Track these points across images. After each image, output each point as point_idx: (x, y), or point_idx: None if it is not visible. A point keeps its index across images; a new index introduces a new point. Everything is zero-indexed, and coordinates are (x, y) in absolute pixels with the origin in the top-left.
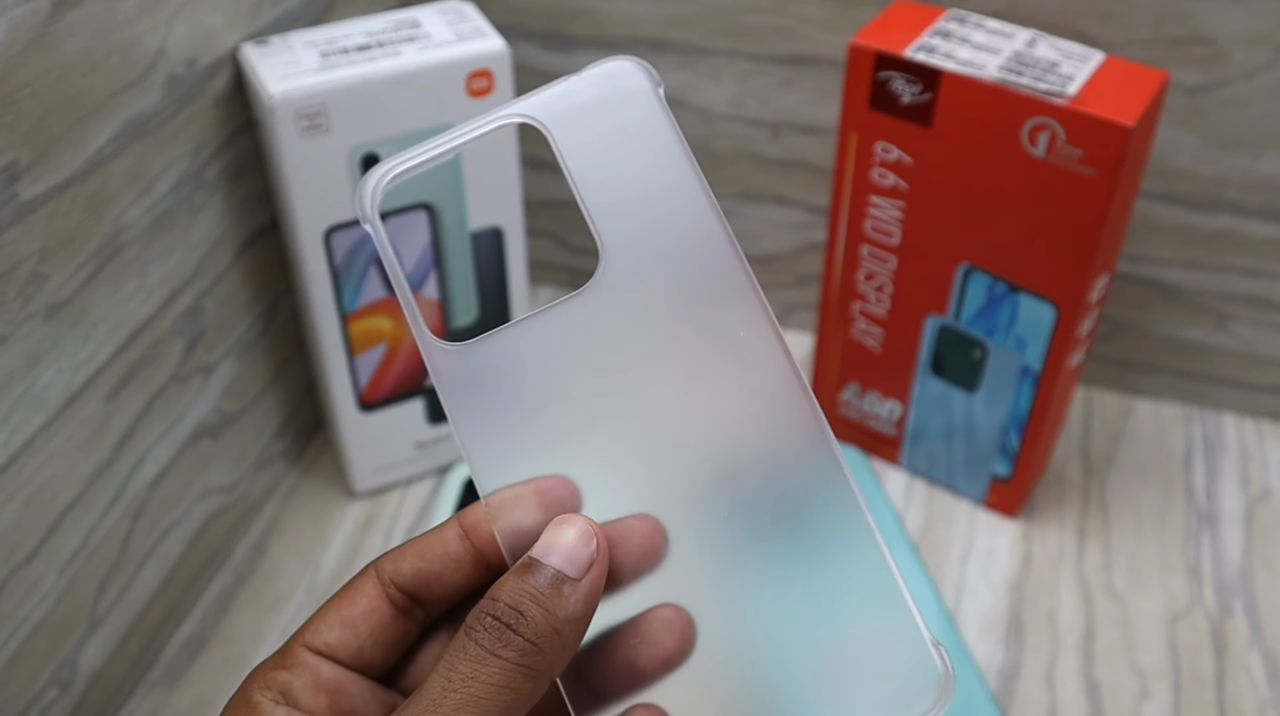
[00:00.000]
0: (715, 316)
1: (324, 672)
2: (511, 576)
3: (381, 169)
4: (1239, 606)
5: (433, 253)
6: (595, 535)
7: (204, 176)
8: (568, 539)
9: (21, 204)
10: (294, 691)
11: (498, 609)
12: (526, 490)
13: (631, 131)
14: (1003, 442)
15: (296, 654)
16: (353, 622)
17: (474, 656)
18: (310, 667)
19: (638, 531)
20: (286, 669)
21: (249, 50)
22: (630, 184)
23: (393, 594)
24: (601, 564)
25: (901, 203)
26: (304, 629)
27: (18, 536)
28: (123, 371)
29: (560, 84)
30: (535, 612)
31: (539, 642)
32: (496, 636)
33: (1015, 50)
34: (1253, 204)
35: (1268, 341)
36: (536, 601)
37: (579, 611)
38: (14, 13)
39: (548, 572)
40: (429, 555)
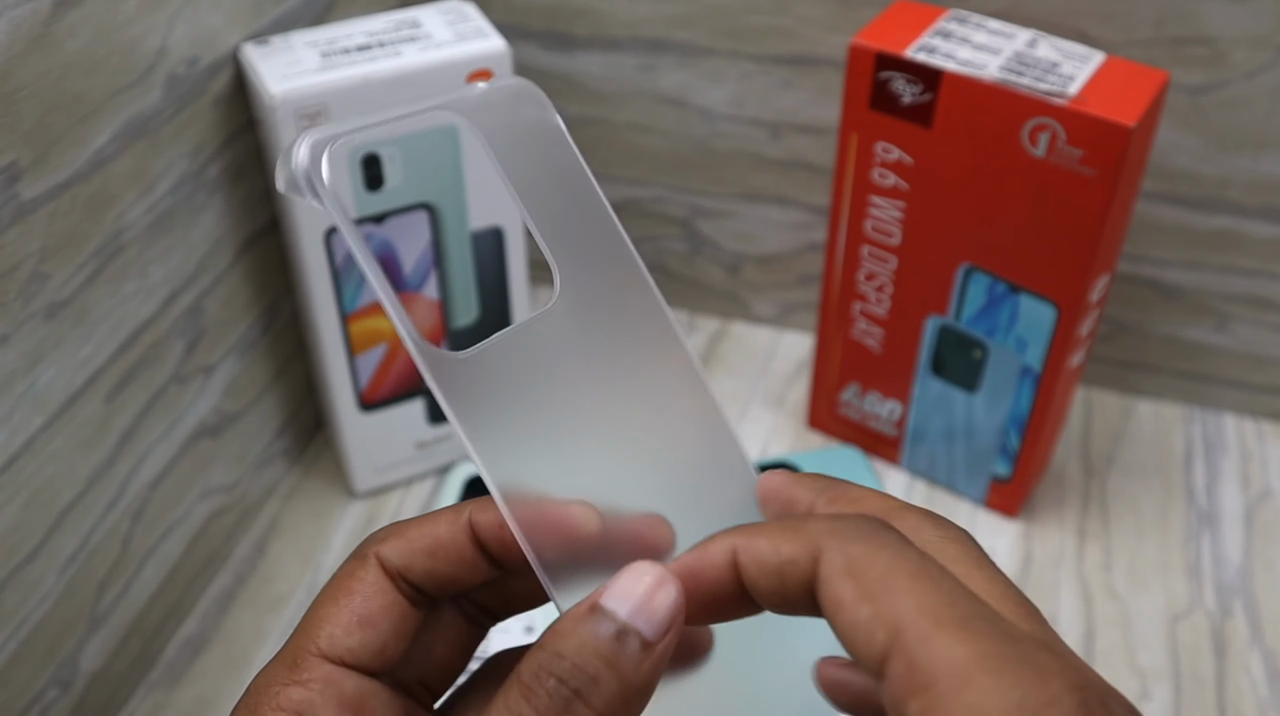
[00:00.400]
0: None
1: (346, 687)
2: (580, 626)
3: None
4: (1239, 606)
5: (433, 253)
6: (678, 591)
7: (205, 176)
8: (642, 589)
9: (22, 204)
10: (315, 711)
11: (564, 669)
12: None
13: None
14: (1003, 443)
15: (311, 666)
16: (373, 621)
17: None
18: (331, 682)
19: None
20: (302, 684)
21: (249, 50)
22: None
23: (402, 586)
24: (679, 627)
25: (902, 203)
26: (313, 633)
27: (18, 536)
28: (123, 371)
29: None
30: (609, 680)
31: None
32: (563, 707)
33: (1016, 50)
34: (1253, 204)
35: (1268, 341)
36: (611, 666)
37: (650, 681)
38: (14, 13)
39: (625, 630)
40: (442, 556)
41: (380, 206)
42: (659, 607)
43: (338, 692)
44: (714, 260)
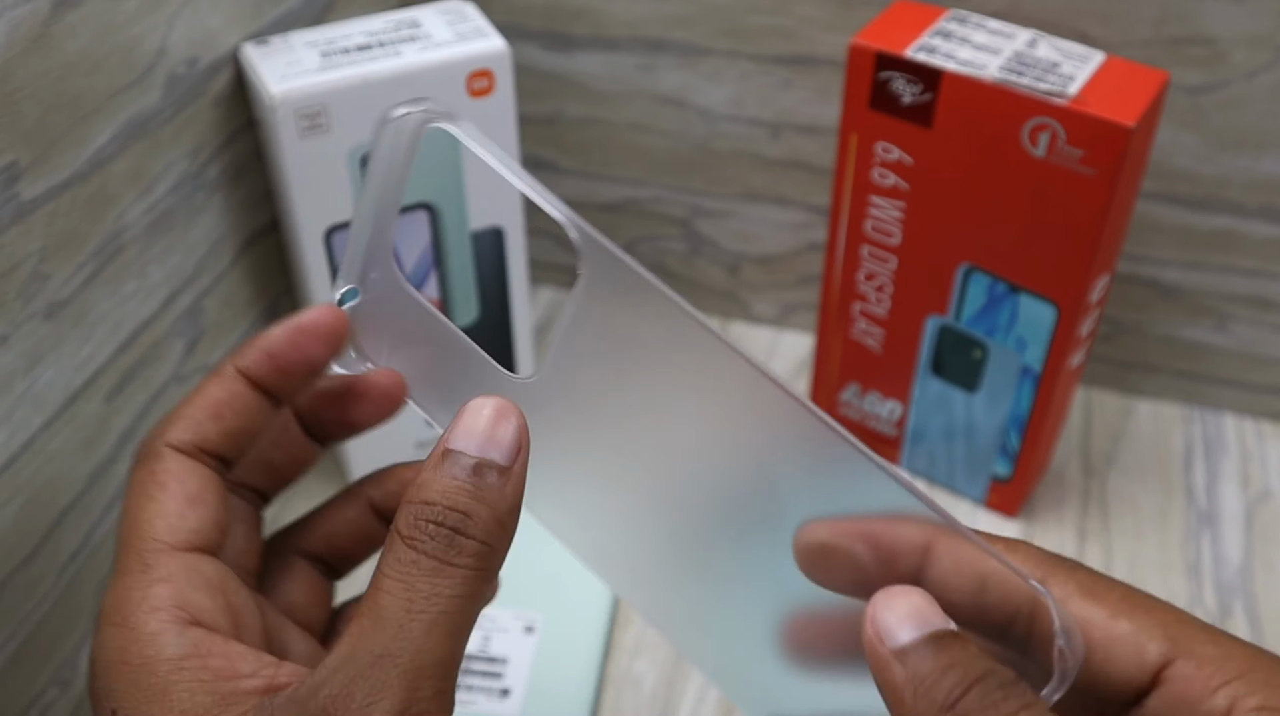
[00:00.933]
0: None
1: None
2: (436, 474)
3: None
4: (1239, 606)
5: (433, 252)
6: (513, 411)
7: (204, 176)
8: (484, 423)
9: (22, 204)
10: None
11: (438, 513)
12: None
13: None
14: (1003, 443)
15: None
16: (201, 499)
17: (430, 569)
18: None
19: (378, 385)
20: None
21: (249, 50)
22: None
23: (205, 460)
24: (527, 446)
25: (902, 203)
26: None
27: (18, 536)
28: (123, 371)
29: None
30: (479, 510)
31: (490, 541)
32: (447, 544)
33: (1016, 50)
34: (1253, 204)
35: (1268, 341)
36: (477, 497)
37: (516, 500)
38: (14, 13)
39: (479, 464)
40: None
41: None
42: (504, 435)
43: (202, 578)
44: (714, 260)
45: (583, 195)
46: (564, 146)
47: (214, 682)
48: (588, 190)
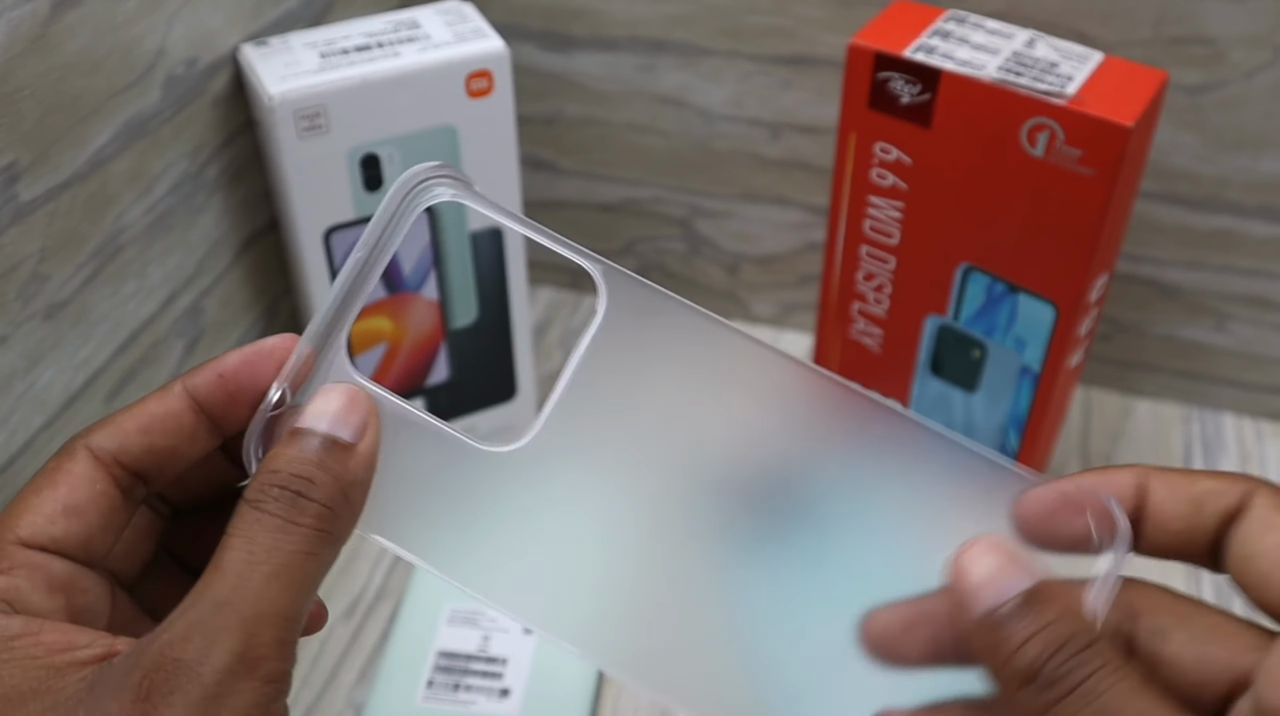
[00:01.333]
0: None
1: (54, 570)
2: (284, 448)
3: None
4: (1239, 607)
5: (432, 253)
6: (363, 399)
7: (204, 177)
8: (335, 404)
9: (21, 204)
10: (23, 596)
11: (282, 479)
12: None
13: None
14: (1002, 443)
15: (12, 554)
16: (79, 511)
17: (273, 527)
18: (36, 566)
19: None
20: (4, 572)
21: (248, 51)
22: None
23: (117, 474)
24: (375, 426)
25: (901, 203)
26: (12, 523)
27: None
28: (123, 372)
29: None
30: (323, 477)
31: (333, 506)
32: (290, 505)
33: (1014, 50)
34: (1252, 204)
35: (1268, 341)
36: (321, 467)
37: (361, 474)
38: (14, 13)
39: (323, 439)
40: (159, 430)
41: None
42: (351, 417)
43: (45, 575)
44: (713, 260)
45: (582, 195)
46: (563, 146)
47: (47, 657)
48: (587, 190)
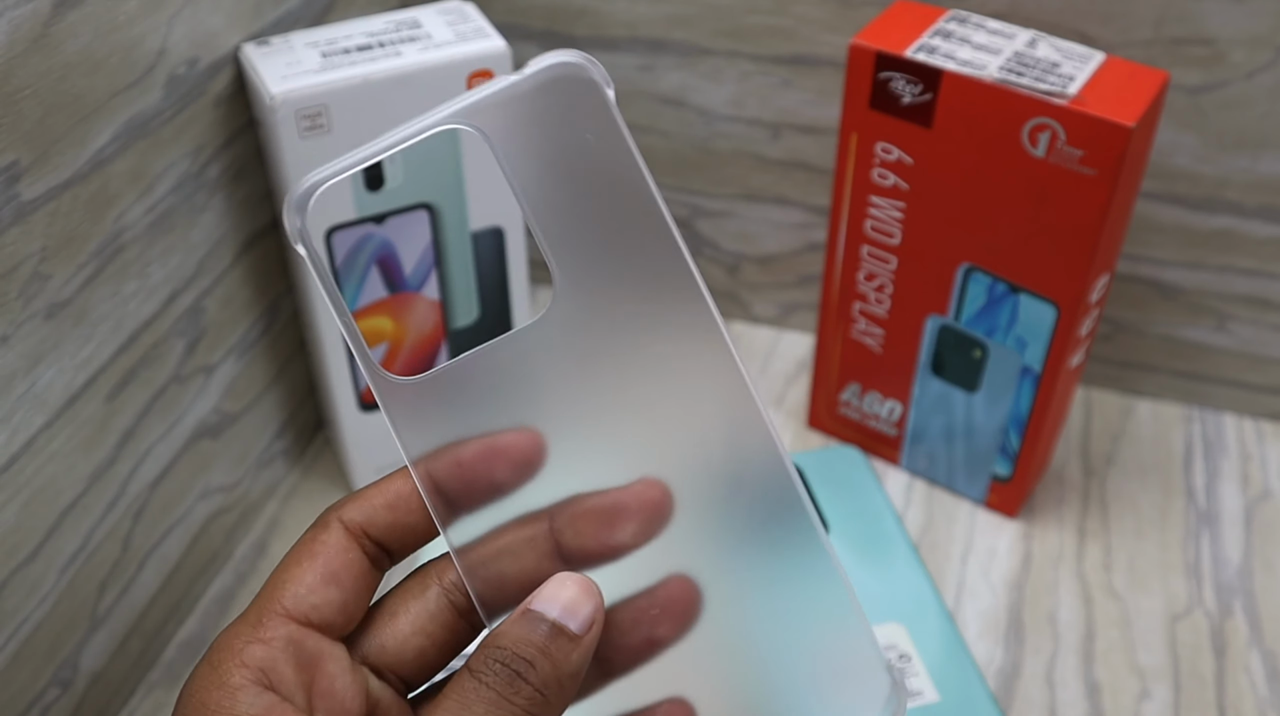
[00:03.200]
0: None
1: (308, 646)
2: (513, 626)
3: (307, 184)
4: (1239, 606)
5: (433, 253)
6: (595, 594)
7: (205, 176)
8: (568, 594)
9: (22, 204)
10: (276, 668)
11: (506, 656)
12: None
13: (578, 136)
14: (1003, 443)
15: (275, 624)
16: (335, 578)
17: (488, 700)
18: (293, 641)
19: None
20: (264, 642)
21: (250, 50)
22: (579, 196)
23: (365, 545)
24: (600, 623)
25: (902, 203)
26: (278, 592)
27: (19, 536)
28: (124, 371)
29: (501, 83)
30: (543, 664)
31: (546, 693)
32: (508, 683)
33: (1016, 50)
34: (1253, 204)
35: (1268, 341)
36: (544, 653)
37: (580, 666)
38: (15, 13)
39: (552, 626)
40: (403, 508)
41: (380, 206)
42: (582, 609)
43: (298, 651)
44: (714, 260)
45: None
46: None
47: None
48: None
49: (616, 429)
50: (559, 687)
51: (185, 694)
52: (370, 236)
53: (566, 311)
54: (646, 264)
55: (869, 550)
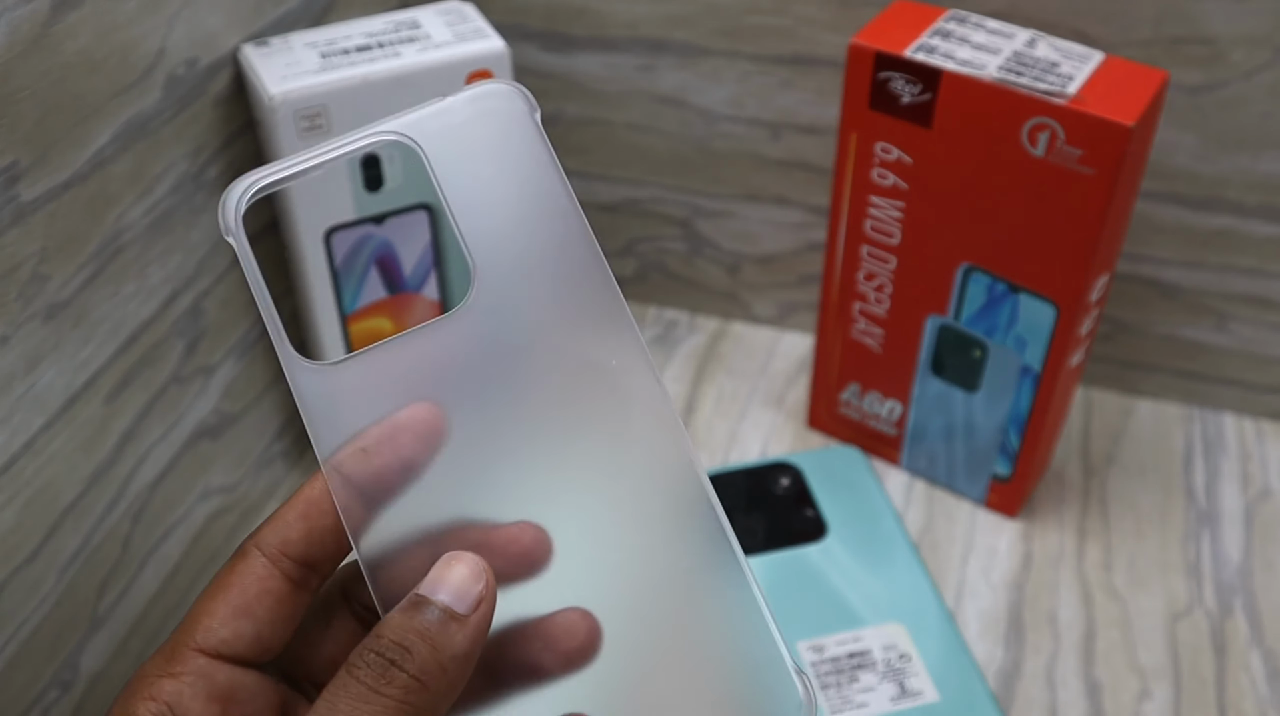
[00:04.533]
0: (588, 343)
1: (218, 679)
2: (398, 613)
3: (245, 182)
4: (1239, 606)
5: (433, 253)
6: (484, 572)
7: (204, 177)
8: (457, 576)
9: (22, 205)
10: (183, 702)
11: (382, 646)
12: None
13: (507, 154)
14: (1003, 442)
15: (186, 659)
16: (248, 610)
17: (355, 694)
18: (203, 675)
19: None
20: (174, 676)
21: (249, 51)
22: (504, 206)
23: (285, 566)
24: (490, 601)
25: (901, 203)
26: (191, 627)
27: (18, 537)
28: (123, 372)
29: (437, 103)
30: (421, 649)
31: (424, 679)
32: (380, 673)
33: (1015, 50)
34: (1253, 204)
35: (1268, 341)
36: (423, 637)
37: (466, 648)
38: (14, 14)
39: (435, 609)
40: (315, 512)
41: (380, 207)
42: (462, 584)
43: (208, 684)
44: (714, 260)
45: (583, 195)
46: (564, 146)
47: None
48: (588, 190)
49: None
50: (440, 672)
51: None
52: (370, 237)
53: (484, 306)
54: (567, 273)
55: (869, 550)
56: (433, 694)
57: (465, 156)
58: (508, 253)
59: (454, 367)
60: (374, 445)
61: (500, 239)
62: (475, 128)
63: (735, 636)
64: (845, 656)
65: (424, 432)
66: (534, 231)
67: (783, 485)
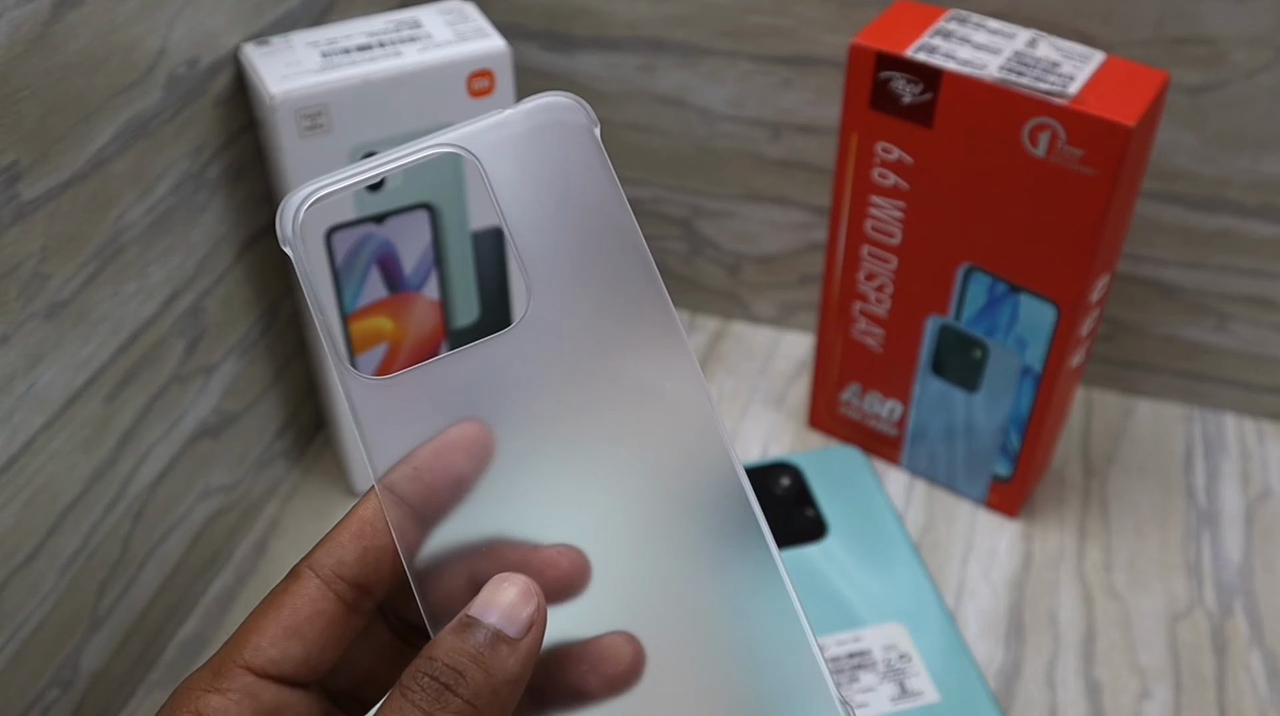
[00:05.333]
0: (643, 365)
1: (264, 698)
2: (449, 634)
3: (303, 192)
4: (1239, 606)
5: (433, 253)
6: (535, 595)
7: (205, 176)
8: (507, 598)
9: (23, 204)
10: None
11: (435, 668)
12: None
13: (566, 170)
14: (1003, 442)
15: (233, 676)
16: (298, 631)
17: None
18: (250, 692)
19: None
20: (220, 692)
21: (250, 50)
22: (562, 223)
23: (339, 588)
24: (540, 625)
25: (902, 203)
26: (240, 645)
27: (19, 536)
28: (124, 371)
29: (495, 115)
30: (475, 673)
31: (478, 704)
32: (434, 697)
33: (1016, 50)
34: (1253, 204)
35: (1268, 341)
36: (476, 661)
37: (518, 672)
38: (15, 13)
39: (487, 632)
40: (369, 532)
41: (380, 206)
42: (517, 609)
43: (254, 703)
44: (714, 260)
45: None
46: None
47: None
48: None
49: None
50: (493, 696)
51: None
52: (370, 236)
53: (537, 327)
54: (623, 292)
55: (869, 550)
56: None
57: (524, 171)
58: (564, 270)
59: (506, 385)
60: (424, 463)
61: (557, 256)
62: (534, 141)
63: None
64: (845, 656)
65: (473, 449)
66: (591, 249)
67: (783, 485)
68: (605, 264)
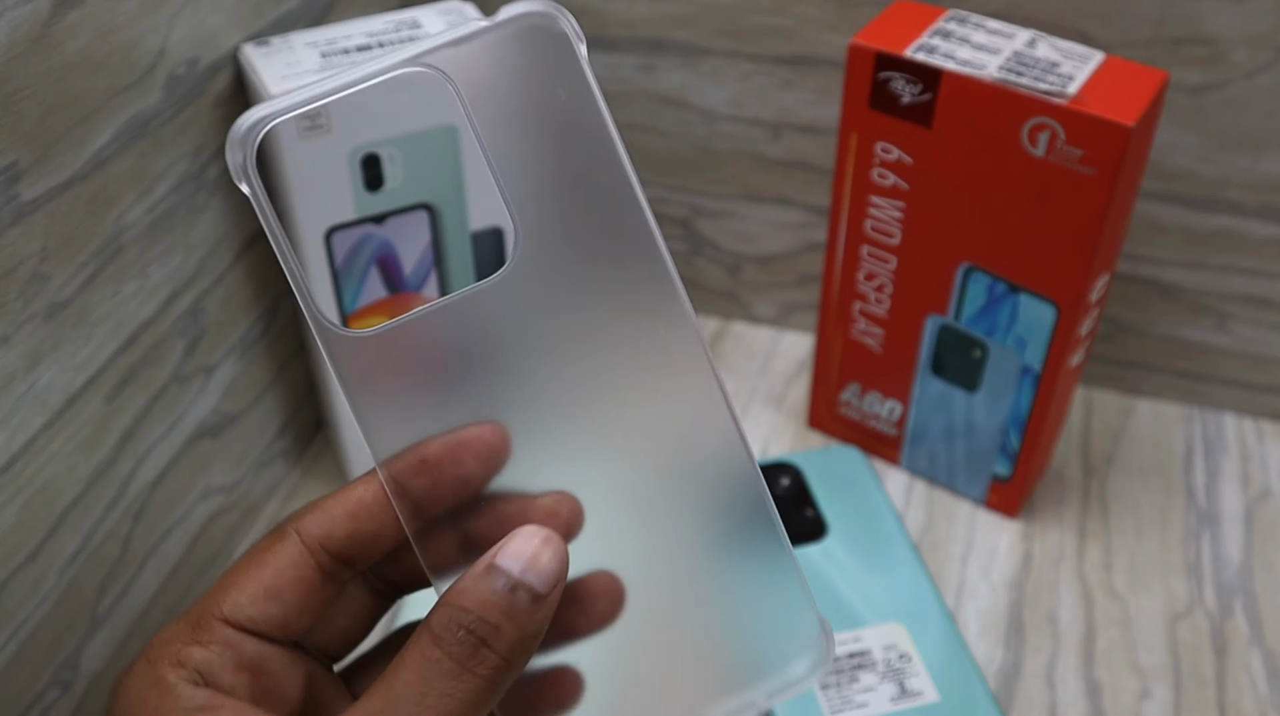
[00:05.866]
0: (635, 307)
1: (246, 649)
2: (479, 583)
3: (253, 117)
4: (1239, 606)
5: (433, 253)
6: (561, 547)
7: (205, 177)
8: (545, 561)
9: (22, 204)
10: (213, 670)
11: (469, 620)
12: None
13: (547, 86)
14: (1003, 442)
15: (213, 628)
16: (279, 594)
17: (448, 671)
18: (231, 644)
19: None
20: (202, 645)
21: (250, 51)
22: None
23: (322, 558)
24: (563, 582)
25: (902, 203)
26: (219, 598)
27: (19, 536)
28: (123, 372)
29: (468, 28)
30: (509, 629)
31: (510, 659)
32: (471, 652)
33: (1015, 50)
34: (1253, 204)
35: (1268, 341)
36: (509, 616)
37: (543, 626)
38: (14, 13)
39: (520, 588)
40: (364, 516)
41: (380, 206)
42: (546, 564)
43: (236, 654)
44: (714, 260)
45: None
46: None
47: None
48: None
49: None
50: (524, 652)
51: (120, 692)
52: (370, 237)
53: (526, 270)
54: (611, 227)
55: (869, 550)
56: (513, 673)
57: (501, 93)
58: (550, 207)
59: (496, 334)
60: (434, 458)
61: (542, 192)
62: (511, 60)
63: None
64: (845, 656)
65: (488, 455)
66: (578, 183)
67: (783, 485)
68: (593, 199)
